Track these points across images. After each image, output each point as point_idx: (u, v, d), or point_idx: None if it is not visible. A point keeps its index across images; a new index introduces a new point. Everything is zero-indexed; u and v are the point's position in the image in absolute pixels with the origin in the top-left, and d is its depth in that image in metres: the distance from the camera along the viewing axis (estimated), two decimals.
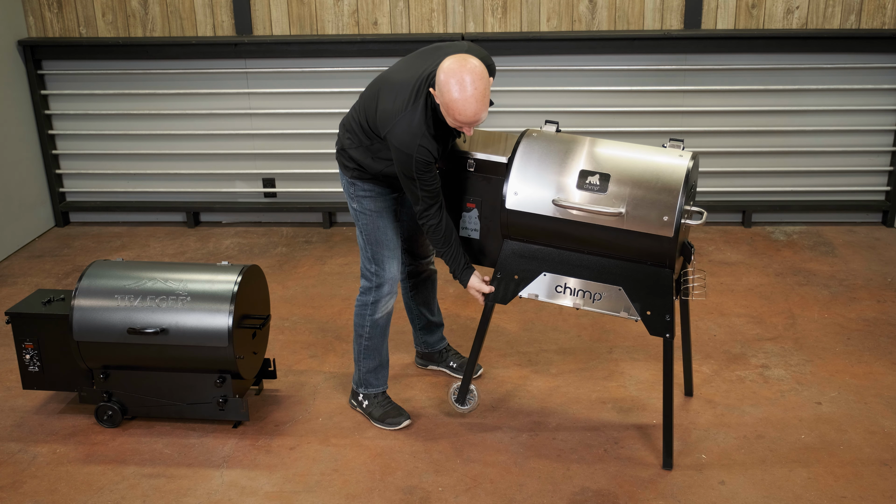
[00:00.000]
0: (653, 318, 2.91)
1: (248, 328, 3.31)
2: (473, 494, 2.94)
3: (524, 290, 3.06)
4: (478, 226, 3.16)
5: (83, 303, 3.24)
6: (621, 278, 2.93)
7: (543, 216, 2.93)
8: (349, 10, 5.28)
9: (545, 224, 2.94)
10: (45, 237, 5.52)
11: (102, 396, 3.35)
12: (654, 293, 2.89)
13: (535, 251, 3.01)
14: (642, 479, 3.00)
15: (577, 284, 2.99)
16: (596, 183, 2.86)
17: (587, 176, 2.88)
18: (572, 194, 2.89)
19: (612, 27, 5.23)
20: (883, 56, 5.15)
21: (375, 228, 3.17)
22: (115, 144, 5.60)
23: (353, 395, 3.46)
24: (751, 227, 5.39)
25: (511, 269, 3.06)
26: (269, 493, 2.98)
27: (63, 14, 5.41)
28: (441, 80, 2.78)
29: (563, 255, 2.99)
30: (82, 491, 3.01)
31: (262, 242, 5.32)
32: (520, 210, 2.95)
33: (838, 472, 3.03)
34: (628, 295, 2.93)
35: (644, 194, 2.81)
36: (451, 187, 3.16)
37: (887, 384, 3.57)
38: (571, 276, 2.99)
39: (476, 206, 3.13)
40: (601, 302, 2.97)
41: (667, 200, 2.77)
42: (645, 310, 2.91)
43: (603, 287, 2.96)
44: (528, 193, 2.93)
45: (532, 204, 2.93)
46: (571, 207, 2.87)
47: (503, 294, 3.09)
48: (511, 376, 3.69)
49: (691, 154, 2.88)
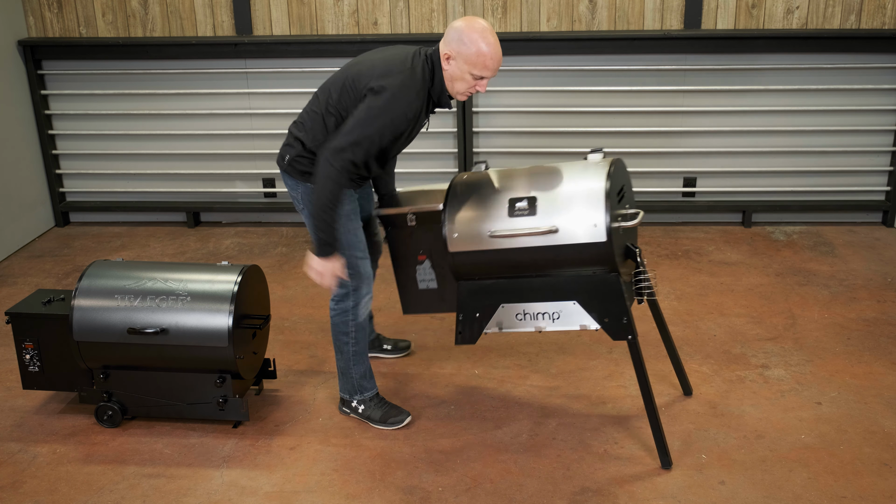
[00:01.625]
0: (611, 323, 2.98)
1: (248, 328, 3.31)
2: (473, 494, 2.94)
3: (487, 325, 3.14)
4: (433, 275, 3.27)
5: (83, 303, 3.24)
6: (573, 293, 3.01)
7: (485, 251, 3.03)
8: (349, 10, 5.29)
9: (489, 258, 3.04)
10: (45, 237, 5.52)
11: (102, 396, 3.35)
12: (607, 300, 2.97)
13: (489, 286, 3.10)
14: (642, 479, 3.00)
15: (534, 308, 3.08)
16: (525, 207, 2.97)
17: (515, 203, 2.99)
18: (506, 223, 2.99)
19: (612, 27, 5.23)
20: (883, 56, 5.15)
21: (346, 231, 3.13)
22: (115, 144, 5.61)
23: (344, 403, 3.41)
24: (751, 227, 5.40)
25: (470, 307, 3.14)
26: (269, 493, 2.98)
27: (63, 14, 5.41)
28: (464, 38, 2.86)
29: (514, 283, 3.07)
30: (82, 491, 3.01)
31: (262, 242, 5.32)
32: (463, 250, 3.06)
33: (838, 472, 3.03)
34: (583, 307, 3.01)
35: (571, 206, 2.91)
36: (399, 246, 3.28)
37: (887, 384, 3.57)
38: (527, 302, 3.08)
39: (427, 256, 3.24)
40: (561, 320, 3.06)
41: (592, 207, 2.87)
42: (602, 318, 2.99)
43: (559, 305, 3.04)
44: (467, 232, 3.04)
45: (472, 241, 3.04)
46: (507, 235, 2.97)
47: (469, 334, 3.17)
48: (511, 376, 3.69)
49: (611, 160, 2.97)
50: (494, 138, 5.43)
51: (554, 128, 5.36)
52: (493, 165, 5.45)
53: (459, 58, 2.89)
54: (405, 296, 3.37)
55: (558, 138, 5.39)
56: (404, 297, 3.37)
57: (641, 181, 5.47)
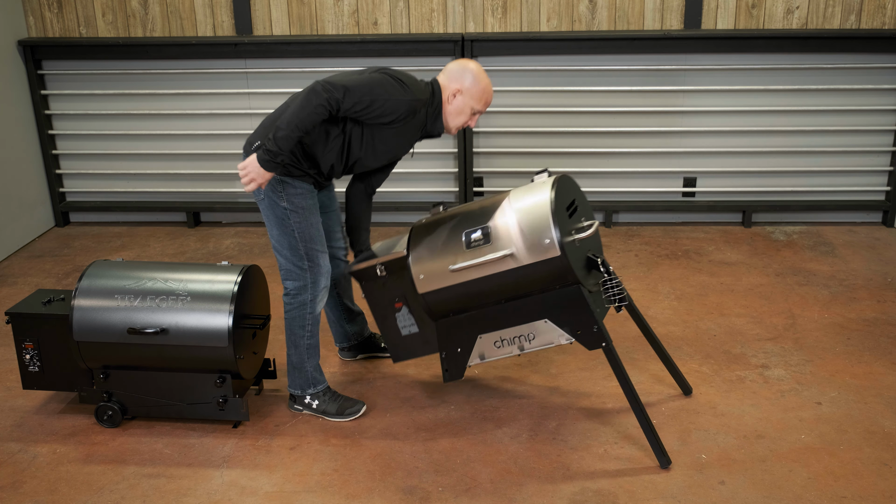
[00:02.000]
0: (583, 335, 3.04)
1: (248, 328, 3.31)
2: (473, 494, 2.94)
3: (470, 358, 3.22)
4: (412, 319, 3.35)
5: (83, 303, 3.24)
6: (543, 311, 3.08)
7: (452, 286, 3.12)
8: (349, 10, 5.29)
9: (457, 292, 3.12)
10: (45, 237, 5.52)
11: (102, 396, 3.35)
12: (574, 313, 3.03)
13: (463, 320, 3.19)
14: (642, 479, 3.00)
15: (510, 333, 3.15)
16: (480, 237, 3.07)
17: (470, 235, 3.09)
18: (464, 256, 3.08)
19: (612, 27, 5.23)
20: (883, 56, 5.15)
21: (308, 225, 3.20)
22: (115, 144, 5.61)
23: (295, 401, 3.43)
24: (751, 227, 5.40)
25: (451, 344, 3.23)
26: (269, 493, 2.98)
27: (63, 14, 5.41)
28: (474, 76, 3.13)
29: (486, 313, 3.15)
30: (82, 491, 3.01)
31: (262, 242, 5.32)
32: (431, 290, 3.15)
33: (838, 472, 3.03)
34: (555, 323, 3.07)
35: (522, 227, 2.99)
36: (375, 298, 3.37)
37: (887, 384, 3.57)
38: (502, 328, 3.15)
39: (403, 303, 3.34)
40: (537, 339, 3.13)
41: (541, 225, 2.95)
42: (575, 330, 3.05)
43: (532, 326, 3.11)
44: (431, 272, 3.14)
45: (437, 280, 3.13)
46: (467, 267, 3.06)
47: (455, 370, 3.25)
48: (511, 376, 3.69)
49: (555, 178, 3.06)
50: (494, 138, 5.43)
51: (554, 128, 5.36)
52: (493, 165, 5.46)
53: (467, 94, 3.13)
54: (391, 345, 3.46)
55: (558, 138, 5.39)
56: (391, 346, 3.46)
57: (641, 181, 5.47)
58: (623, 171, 5.43)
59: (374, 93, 2.98)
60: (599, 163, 5.43)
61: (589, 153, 5.41)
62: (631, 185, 5.48)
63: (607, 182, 5.48)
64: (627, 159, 5.41)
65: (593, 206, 5.44)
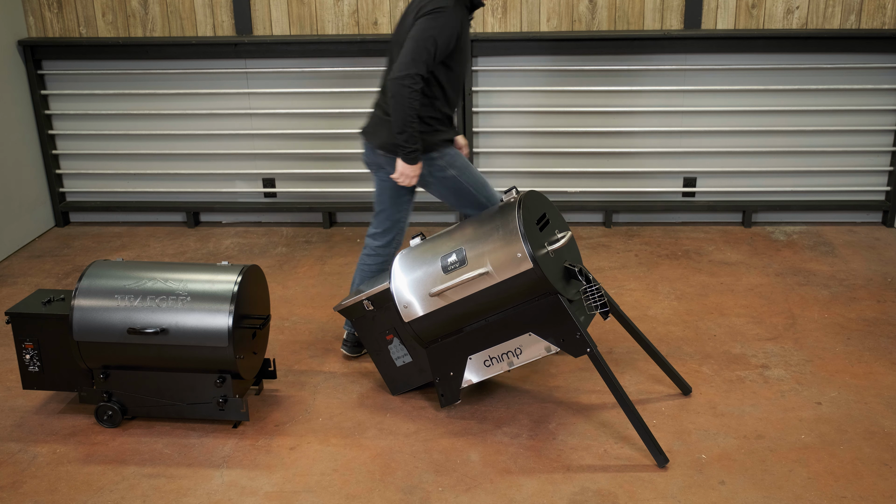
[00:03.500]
0: (568, 343, 3.10)
1: (248, 328, 3.31)
2: (473, 494, 2.94)
3: (463, 380, 3.30)
4: (404, 350, 3.44)
5: (83, 303, 3.24)
6: (526, 325, 3.15)
7: (435, 311, 3.21)
8: (349, 10, 5.29)
9: (441, 316, 3.21)
10: (45, 237, 5.52)
11: (102, 396, 3.35)
12: (556, 322, 3.10)
13: (451, 343, 3.27)
14: (642, 479, 3.00)
15: (498, 351, 3.24)
16: (456, 260, 3.17)
17: (446, 259, 3.18)
18: (443, 280, 3.18)
19: (612, 27, 5.23)
20: (883, 56, 5.15)
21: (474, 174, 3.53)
22: (115, 144, 5.61)
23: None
24: (751, 227, 5.40)
25: (443, 368, 3.32)
26: (269, 493, 2.98)
27: (63, 14, 5.42)
28: None
29: (472, 334, 3.24)
30: (82, 491, 3.01)
31: (262, 242, 5.32)
32: (416, 317, 3.25)
33: (838, 472, 3.03)
34: (539, 335, 3.15)
35: (495, 245, 3.09)
36: (367, 333, 3.47)
37: (887, 384, 3.57)
38: (489, 347, 3.23)
39: (393, 335, 3.42)
40: (524, 354, 3.21)
41: (512, 241, 3.04)
42: (559, 339, 3.11)
43: (518, 340, 3.19)
44: (413, 300, 3.24)
45: (420, 307, 3.23)
46: (446, 289, 3.14)
47: (450, 394, 3.34)
48: (511, 376, 3.69)
49: (522, 194, 3.17)
50: (494, 138, 5.43)
51: (554, 128, 5.36)
52: (492, 166, 5.46)
53: None
54: (389, 379, 3.52)
55: (558, 138, 5.39)
56: (388, 380, 3.53)
57: (641, 181, 5.47)
58: (623, 171, 5.43)
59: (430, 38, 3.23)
60: (599, 163, 5.43)
61: (589, 153, 5.41)
62: (631, 185, 5.48)
63: (607, 182, 5.48)
64: (627, 159, 5.41)
65: (593, 206, 5.44)
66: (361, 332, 3.49)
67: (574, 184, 5.46)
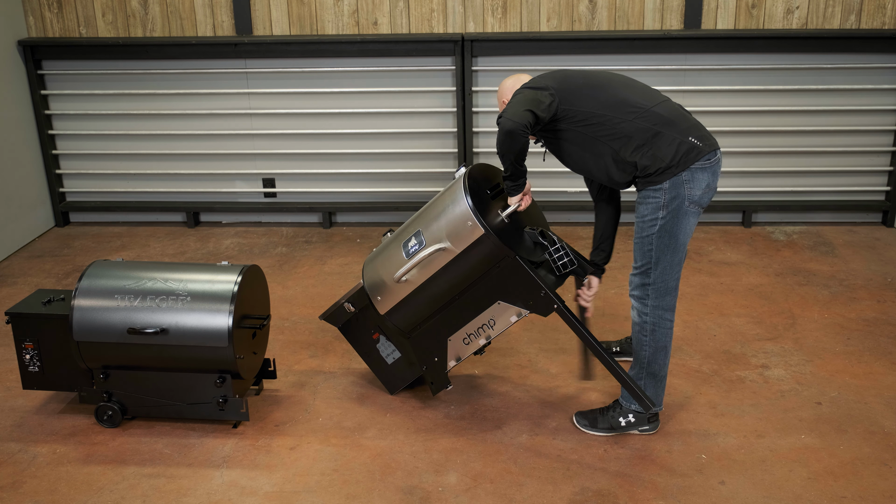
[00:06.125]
0: (535, 304, 3.10)
1: (248, 328, 3.31)
2: (473, 494, 2.94)
3: (448, 363, 3.31)
4: (391, 346, 3.47)
5: (83, 303, 3.24)
6: (493, 294, 3.15)
7: (406, 297, 3.22)
8: (349, 10, 5.29)
9: (413, 301, 3.23)
10: (45, 237, 5.52)
11: (102, 396, 3.35)
12: (520, 285, 3.10)
13: (429, 328, 3.29)
14: (642, 479, 3.00)
15: (473, 326, 3.23)
16: (415, 243, 3.19)
17: (407, 244, 3.22)
18: (404, 263, 3.19)
19: (612, 27, 5.23)
20: (883, 56, 5.15)
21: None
22: (115, 144, 5.61)
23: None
24: (751, 227, 5.40)
25: (427, 355, 3.33)
26: (269, 493, 2.98)
27: (63, 14, 5.42)
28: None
29: (446, 314, 3.24)
30: (82, 491, 3.01)
31: (262, 242, 5.32)
32: (390, 308, 3.27)
33: (838, 472, 3.03)
34: (507, 301, 3.15)
35: (447, 220, 3.10)
36: (355, 336, 3.51)
37: (887, 384, 3.57)
38: (465, 324, 3.24)
39: (378, 333, 3.45)
40: (498, 323, 3.20)
41: (462, 212, 3.05)
42: (527, 302, 3.12)
43: (489, 312, 3.19)
44: (384, 291, 3.27)
45: (392, 296, 3.25)
46: (409, 270, 3.14)
47: (440, 380, 3.34)
48: (511, 376, 3.69)
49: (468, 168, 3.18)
50: (495, 138, 5.43)
51: None
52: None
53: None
54: (384, 379, 3.56)
55: None
56: (383, 380, 3.57)
57: None
58: None
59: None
60: None
61: None
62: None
63: None
64: None
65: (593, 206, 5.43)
66: (349, 337, 3.53)
67: (574, 184, 5.46)
